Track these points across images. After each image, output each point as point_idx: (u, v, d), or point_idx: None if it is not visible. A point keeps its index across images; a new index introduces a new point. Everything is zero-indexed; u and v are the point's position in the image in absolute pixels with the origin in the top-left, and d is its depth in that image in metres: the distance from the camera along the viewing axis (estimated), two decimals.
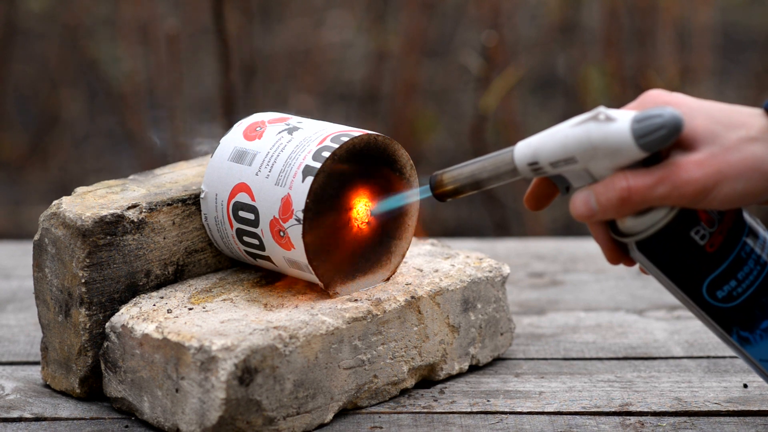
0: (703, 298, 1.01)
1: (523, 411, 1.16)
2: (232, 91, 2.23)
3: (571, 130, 0.99)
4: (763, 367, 1.03)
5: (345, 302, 1.15)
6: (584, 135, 0.98)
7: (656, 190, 0.97)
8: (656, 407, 1.16)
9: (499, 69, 2.49)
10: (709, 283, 1.00)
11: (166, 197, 1.19)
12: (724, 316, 1.01)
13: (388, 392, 1.18)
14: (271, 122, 1.19)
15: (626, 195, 0.97)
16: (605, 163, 0.98)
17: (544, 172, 1.01)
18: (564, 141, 0.99)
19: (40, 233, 1.17)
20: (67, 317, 1.16)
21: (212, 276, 1.22)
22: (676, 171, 0.96)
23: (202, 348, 1.07)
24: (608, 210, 0.98)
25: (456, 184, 1.06)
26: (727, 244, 1.00)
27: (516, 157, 1.02)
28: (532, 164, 1.01)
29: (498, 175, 1.04)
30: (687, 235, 0.99)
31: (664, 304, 1.43)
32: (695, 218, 0.99)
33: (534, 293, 1.48)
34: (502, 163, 1.03)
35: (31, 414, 1.15)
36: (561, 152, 0.99)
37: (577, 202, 1.00)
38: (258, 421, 1.08)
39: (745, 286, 1.00)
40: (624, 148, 0.97)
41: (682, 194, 0.96)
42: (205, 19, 3.08)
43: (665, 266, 1.00)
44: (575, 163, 0.99)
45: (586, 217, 1.00)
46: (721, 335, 1.03)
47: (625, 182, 0.97)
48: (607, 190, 0.98)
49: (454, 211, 3.18)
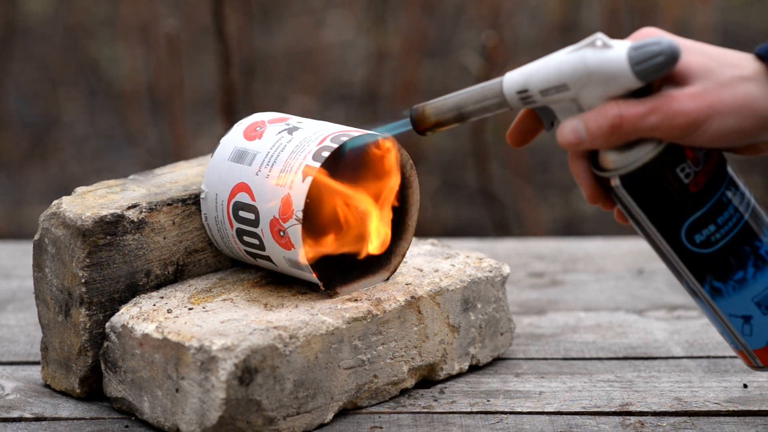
0: (680, 242, 1.00)
1: (523, 411, 1.16)
2: (232, 91, 2.23)
3: (566, 56, 0.98)
4: (731, 323, 1.02)
5: (345, 302, 1.15)
6: (580, 60, 0.97)
7: (648, 119, 0.96)
8: (656, 407, 1.16)
9: (499, 69, 2.49)
10: (689, 225, 0.99)
11: (166, 197, 1.19)
12: (700, 263, 1.00)
13: (388, 392, 1.18)
14: (271, 122, 1.19)
15: (618, 122, 0.96)
16: (598, 91, 0.97)
17: (533, 101, 1.00)
18: (558, 67, 0.98)
19: (40, 233, 1.17)
20: (67, 317, 1.16)
21: (212, 276, 1.22)
22: (669, 101, 0.96)
23: (202, 348, 1.08)
24: (597, 138, 0.97)
25: (439, 117, 1.05)
26: (710, 186, 0.99)
27: (505, 86, 1.01)
28: (521, 92, 1.00)
29: (484, 106, 1.03)
30: (673, 171, 0.98)
31: (664, 304, 1.43)
32: (682, 155, 0.98)
33: (534, 293, 1.48)
34: (489, 93, 1.02)
35: (31, 414, 1.15)
36: (554, 78, 0.98)
37: (565, 129, 0.98)
38: (258, 421, 1.08)
39: (724, 232, 1.00)
40: (619, 75, 0.96)
41: (673, 125, 0.96)
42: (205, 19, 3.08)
43: (647, 204, 0.99)
44: (567, 90, 0.98)
45: (574, 145, 0.98)
46: (692, 288, 1.02)
47: (617, 110, 0.97)
48: (598, 117, 0.97)
49: (454, 211, 3.18)
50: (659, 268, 1.57)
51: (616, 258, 1.60)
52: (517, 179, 2.87)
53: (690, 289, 1.03)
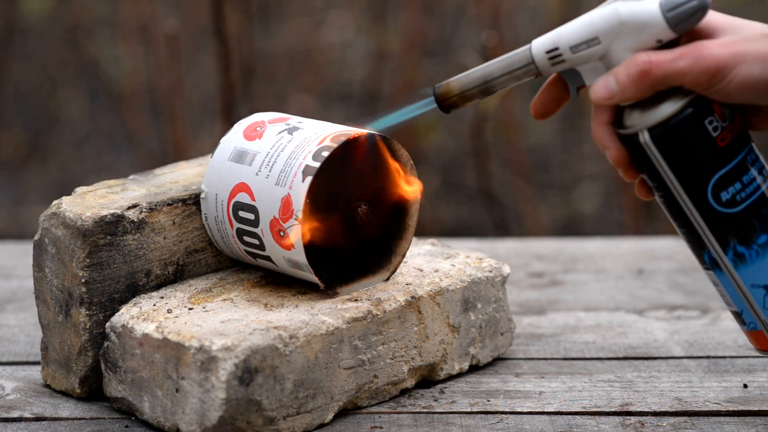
0: (706, 200, 1.01)
1: (523, 411, 1.16)
2: (232, 91, 2.23)
3: (597, 10, 1.01)
4: (752, 294, 1.02)
5: (345, 302, 1.15)
6: (612, 11, 1.00)
7: (677, 63, 0.99)
8: (656, 407, 1.16)
9: None
10: (716, 181, 1.00)
11: (166, 197, 1.19)
12: (724, 224, 1.01)
13: (388, 392, 1.18)
14: (271, 122, 1.19)
15: (647, 68, 0.99)
16: (628, 42, 1.00)
17: (562, 60, 1.02)
18: (590, 20, 1.01)
19: (40, 233, 1.17)
20: (67, 317, 1.16)
21: (212, 276, 1.22)
22: (698, 47, 0.99)
23: (203, 348, 1.08)
24: (628, 87, 1.00)
25: (464, 90, 1.06)
26: (736, 143, 1.01)
27: (534, 48, 1.03)
28: (551, 51, 1.02)
29: (512, 74, 1.04)
30: (701, 123, 1.00)
31: (664, 304, 1.43)
32: (710, 108, 1.00)
33: (534, 293, 1.48)
34: (517, 59, 1.04)
35: (31, 414, 1.15)
36: (586, 31, 1.01)
37: (597, 86, 1.01)
38: (258, 421, 1.08)
39: (749, 192, 1.01)
40: (651, 23, 0.99)
41: (702, 68, 0.98)
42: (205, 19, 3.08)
43: (675, 158, 1.00)
44: (598, 44, 1.00)
45: (606, 99, 1.01)
46: (713, 257, 1.01)
47: (647, 57, 1.00)
48: (628, 67, 1.00)
49: (454, 211, 3.18)
50: (659, 268, 1.56)
51: (616, 258, 1.60)
52: (517, 179, 2.87)
53: (711, 260, 1.02)
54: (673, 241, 1.67)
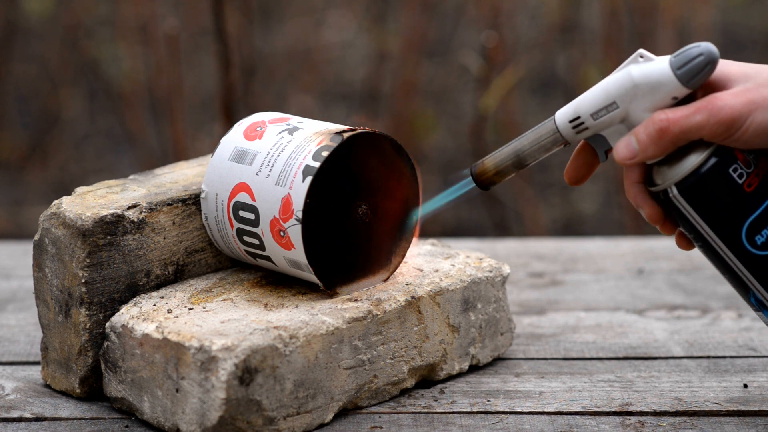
0: (742, 245, 1.02)
1: (523, 411, 1.16)
2: (232, 91, 2.23)
3: (611, 76, 1.04)
4: None
5: (345, 302, 1.15)
6: (625, 75, 1.03)
7: (694, 117, 1.01)
8: (656, 407, 1.16)
9: (499, 69, 2.49)
10: (748, 226, 1.02)
11: (166, 197, 1.19)
12: (764, 266, 1.03)
13: (388, 392, 1.18)
14: (271, 122, 1.19)
15: (665, 125, 1.01)
16: (645, 102, 1.02)
17: (586, 128, 1.05)
18: (605, 87, 1.04)
19: (40, 233, 1.17)
20: (67, 317, 1.16)
21: (212, 276, 1.22)
22: (712, 100, 1.01)
23: (203, 348, 1.08)
24: (648, 146, 1.02)
25: (498, 167, 1.11)
26: (764, 186, 1.03)
27: (558, 119, 1.07)
28: (573, 120, 1.06)
29: (541, 145, 1.08)
30: (725, 172, 1.02)
31: (664, 304, 1.43)
32: (732, 156, 1.02)
33: (534, 293, 1.48)
34: (543, 131, 1.08)
35: (31, 414, 1.15)
36: (603, 98, 1.04)
37: (620, 146, 1.04)
38: (258, 421, 1.08)
39: None
40: (664, 82, 1.02)
41: (718, 120, 1.00)
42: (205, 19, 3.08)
43: (705, 208, 1.02)
44: (616, 108, 1.03)
45: (629, 158, 1.04)
46: (759, 299, 1.03)
47: (664, 115, 1.02)
48: (647, 127, 1.02)
49: (454, 211, 3.18)
50: (659, 268, 1.56)
51: (616, 258, 1.60)
52: (517, 179, 2.87)
53: (758, 302, 1.05)
54: (673, 241, 1.67)
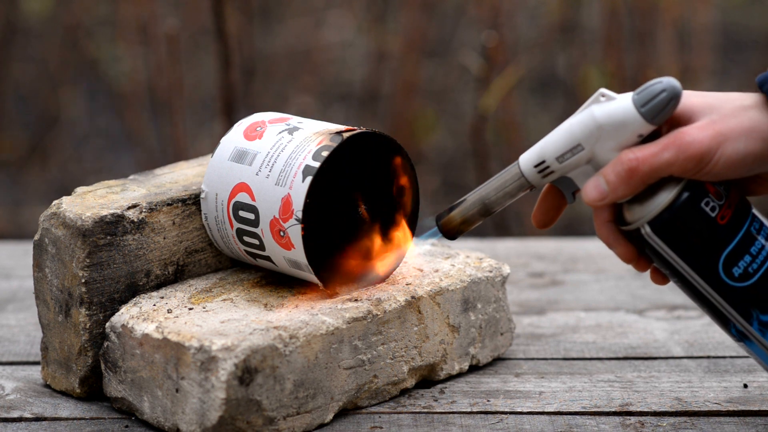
0: (720, 278, 1.01)
1: (523, 411, 1.16)
2: (232, 91, 2.23)
3: (574, 118, 1.02)
4: None
5: (345, 302, 1.15)
6: (588, 116, 1.01)
7: (662, 155, 0.99)
8: (656, 407, 1.16)
9: (499, 69, 2.49)
10: (725, 258, 1.00)
11: (166, 197, 1.19)
12: (743, 297, 1.01)
13: (388, 392, 1.18)
14: (271, 122, 1.19)
15: (634, 165, 1.00)
16: (610, 143, 1.01)
17: (551, 171, 1.03)
18: (569, 129, 1.02)
19: (40, 233, 1.17)
20: (67, 317, 1.16)
21: (212, 276, 1.22)
22: (680, 136, 0.99)
23: (202, 348, 1.08)
24: (618, 187, 1.00)
25: (465, 216, 1.09)
26: (737, 217, 1.01)
27: (522, 164, 1.04)
28: (538, 165, 1.04)
29: (506, 192, 1.06)
30: (698, 206, 1.00)
31: (664, 304, 1.43)
32: (704, 190, 1.00)
33: (534, 293, 1.48)
34: (508, 177, 1.06)
35: (31, 414, 1.15)
36: (567, 141, 1.02)
37: (588, 188, 1.02)
38: (258, 421, 1.08)
39: (760, 262, 1.01)
40: (628, 121, 1.00)
41: (688, 156, 0.99)
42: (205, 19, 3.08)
43: (680, 244, 1.01)
44: (581, 150, 1.01)
45: (598, 200, 1.02)
46: (740, 330, 1.02)
47: (632, 154, 1.00)
48: (615, 166, 1.00)
49: None
50: None
51: (616, 258, 1.60)
52: None
53: (738, 333, 1.03)
54: None
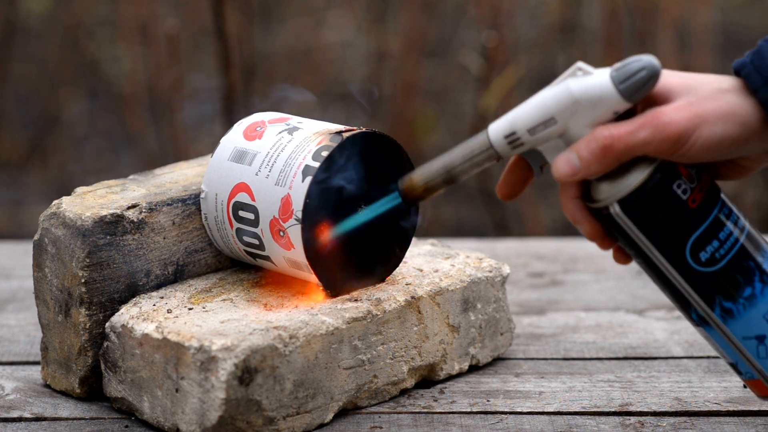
0: (686, 262, 0.99)
1: (523, 411, 1.16)
2: (232, 91, 2.23)
3: (548, 90, 0.99)
4: (745, 346, 1.01)
5: (345, 302, 1.15)
6: (564, 90, 0.98)
7: (638, 134, 0.97)
8: (656, 407, 1.16)
9: (499, 69, 2.49)
10: (693, 242, 0.99)
11: (166, 197, 1.19)
12: (707, 283, 1.00)
13: (388, 392, 1.18)
14: (271, 122, 1.19)
15: (609, 142, 0.97)
16: (585, 118, 0.98)
17: (522, 143, 1.00)
18: (543, 102, 0.99)
19: (40, 233, 1.17)
20: (67, 317, 1.16)
21: (212, 276, 1.22)
22: (657, 115, 0.97)
23: (202, 348, 1.08)
24: (591, 163, 0.98)
25: (428, 183, 1.05)
26: (707, 202, 0.99)
27: (491, 134, 1.01)
28: (509, 135, 1.00)
29: (473, 161, 1.02)
30: (670, 188, 0.98)
31: (664, 304, 1.43)
32: (676, 172, 0.99)
33: (534, 293, 1.48)
34: (476, 146, 1.02)
35: (31, 414, 1.15)
36: (540, 113, 0.99)
37: (559, 163, 0.99)
38: (258, 421, 1.08)
39: (727, 247, 1.00)
40: (605, 97, 0.97)
41: (664, 137, 0.97)
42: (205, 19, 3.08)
43: (649, 226, 0.99)
44: (554, 124, 0.99)
45: (570, 176, 0.99)
46: (701, 315, 1.01)
47: (607, 131, 0.98)
48: (589, 143, 0.98)
49: (454, 212, 3.18)
50: None
51: None
52: None
53: (699, 317, 1.02)
54: None
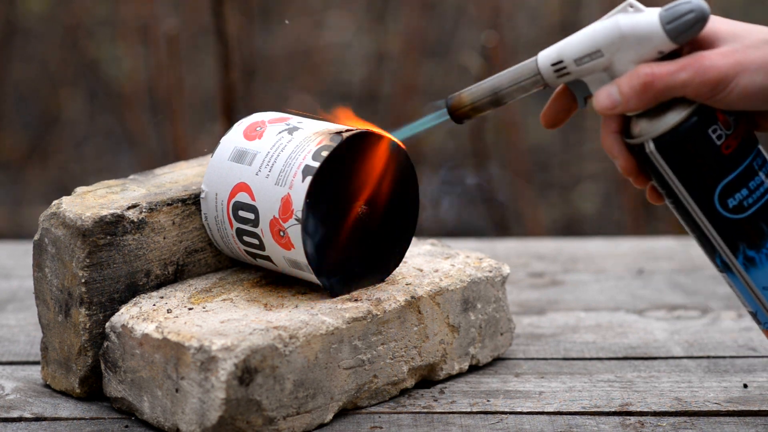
0: (714, 207, 1.02)
1: (523, 411, 1.16)
2: (232, 91, 2.23)
3: (598, 23, 1.02)
4: (764, 296, 1.03)
5: (345, 302, 1.15)
6: (612, 24, 1.01)
7: (679, 75, 0.99)
8: (656, 407, 1.16)
9: (499, 69, 2.49)
10: (722, 188, 1.01)
11: (166, 197, 1.19)
12: (733, 229, 1.02)
13: (388, 392, 1.18)
14: (271, 122, 1.19)
15: (650, 80, 1.00)
16: (630, 54, 1.01)
17: (567, 73, 1.04)
18: (592, 34, 1.02)
19: (40, 233, 1.17)
20: (67, 317, 1.16)
21: (212, 276, 1.22)
22: (699, 59, 0.99)
23: (202, 348, 1.08)
24: (631, 98, 1.01)
25: (475, 102, 1.08)
26: (741, 150, 1.01)
27: (540, 60, 1.05)
28: (556, 64, 1.04)
29: (520, 86, 1.06)
30: (705, 132, 1.01)
31: (664, 304, 1.43)
32: (713, 117, 1.01)
33: (534, 293, 1.48)
34: (524, 71, 1.06)
35: (31, 414, 1.15)
36: (588, 45, 1.02)
37: (600, 95, 1.02)
38: (258, 421, 1.08)
39: (756, 197, 1.02)
40: (651, 35, 1.00)
41: (704, 80, 0.99)
42: (205, 19, 3.08)
43: (681, 166, 1.01)
44: (601, 57, 1.02)
45: (609, 108, 1.02)
46: (725, 261, 1.03)
47: (649, 69, 1.00)
48: (631, 79, 1.01)
49: (454, 211, 3.18)
50: (659, 268, 1.56)
51: (616, 258, 1.60)
52: (517, 179, 2.87)
53: (723, 263, 1.04)
54: (673, 241, 1.67)
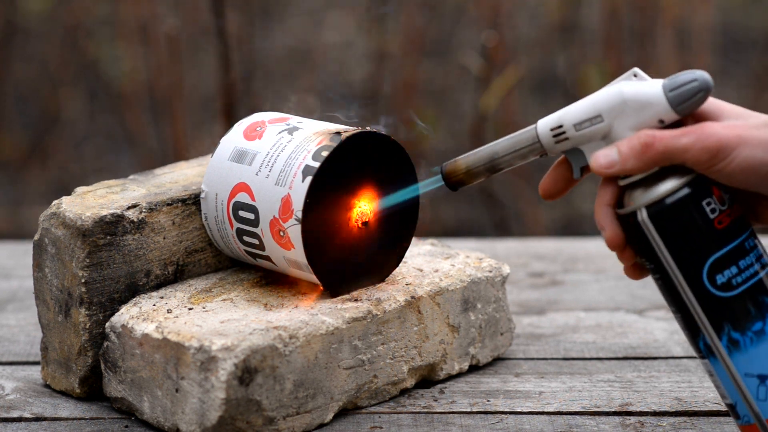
0: (702, 282, 1.00)
1: (523, 411, 1.16)
2: (232, 91, 2.23)
3: (601, 90, 1.02)
4: (746, 384, 1.01)
5: (345, 302, 1.15)
6: (615, 90, 1.01)
7: (681, 139, 0.99)
8: (656, 407, 1.16)
9: (499, 69, 2.49)
10: (712, 263, 1.00)
11: (166, 197, 1.19)
12: (719, 308, 1.00)
13: (388, 392, 1.18)
14: (271, 122, 1.19)
15: (650, 141, 0.99)
16: (631, 120, 1.01)
17: (566, 138, 1.03)
18: (593, 99, 1.02)
19: (40, 233, 1.17)
20: (67, 317, 1.16)
21: (212, 276, 1.22)
22: (701, 127, 0.99)
23: (202, 348, 1.08)
24: (629, 158, 1.00)
25: (470, 169, 1.07)
26: (734, 226, 1.00)
27: (539, 126, 1.04)
28: (555, 129, 1.03)
29: (518, 153, 1.05)
30: (699, 204, 1.00)
31: (663, 304, 1.43)
32: (708, 189, 1.00)
33: (534, 293, 1.48)
34: (523, 138, 1.05)
35: (31, 414, 1.15)
36: (589, 110, 1.02)
37: (599, 155, 1.02)
38: (258, 421, 1.08)
39: (745, 277, 1.00)
40: (654, 101, 1.00)
41: (705, 146, 0.99)
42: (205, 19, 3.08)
43: (672, 237, 1.00)
44: (601, 122, 1.01)
45: (606, 167, 1.01)
46: (707, 343, 1.00)
47: (650, 131, 1.00)
48: (630, 140, 1.00)
49: (454, 212, 3.18)
50: None
51: (616, 258, 1.60)
52: (517, 179, 2.87)
53: (705, 347, 1.01)
54: None
